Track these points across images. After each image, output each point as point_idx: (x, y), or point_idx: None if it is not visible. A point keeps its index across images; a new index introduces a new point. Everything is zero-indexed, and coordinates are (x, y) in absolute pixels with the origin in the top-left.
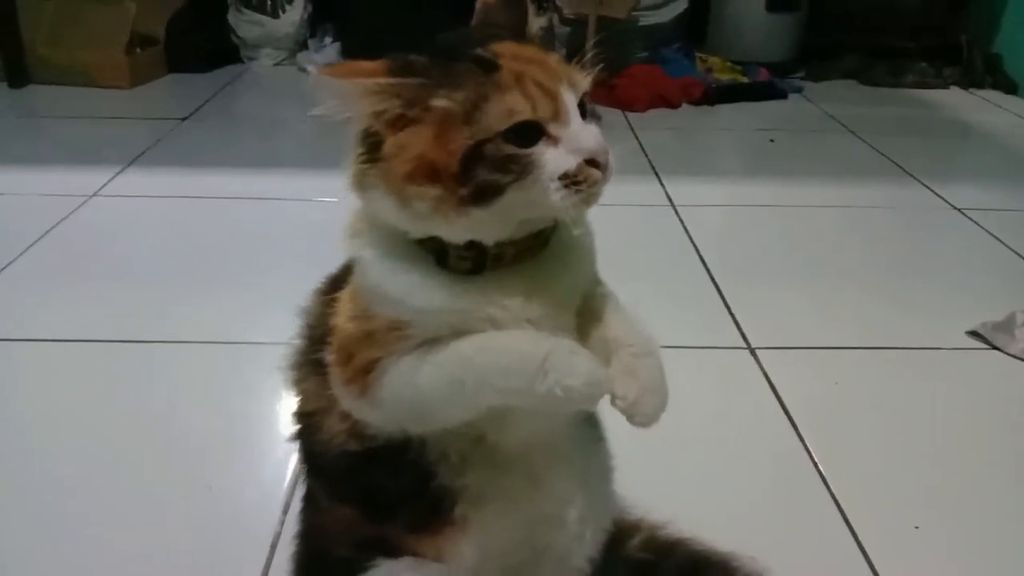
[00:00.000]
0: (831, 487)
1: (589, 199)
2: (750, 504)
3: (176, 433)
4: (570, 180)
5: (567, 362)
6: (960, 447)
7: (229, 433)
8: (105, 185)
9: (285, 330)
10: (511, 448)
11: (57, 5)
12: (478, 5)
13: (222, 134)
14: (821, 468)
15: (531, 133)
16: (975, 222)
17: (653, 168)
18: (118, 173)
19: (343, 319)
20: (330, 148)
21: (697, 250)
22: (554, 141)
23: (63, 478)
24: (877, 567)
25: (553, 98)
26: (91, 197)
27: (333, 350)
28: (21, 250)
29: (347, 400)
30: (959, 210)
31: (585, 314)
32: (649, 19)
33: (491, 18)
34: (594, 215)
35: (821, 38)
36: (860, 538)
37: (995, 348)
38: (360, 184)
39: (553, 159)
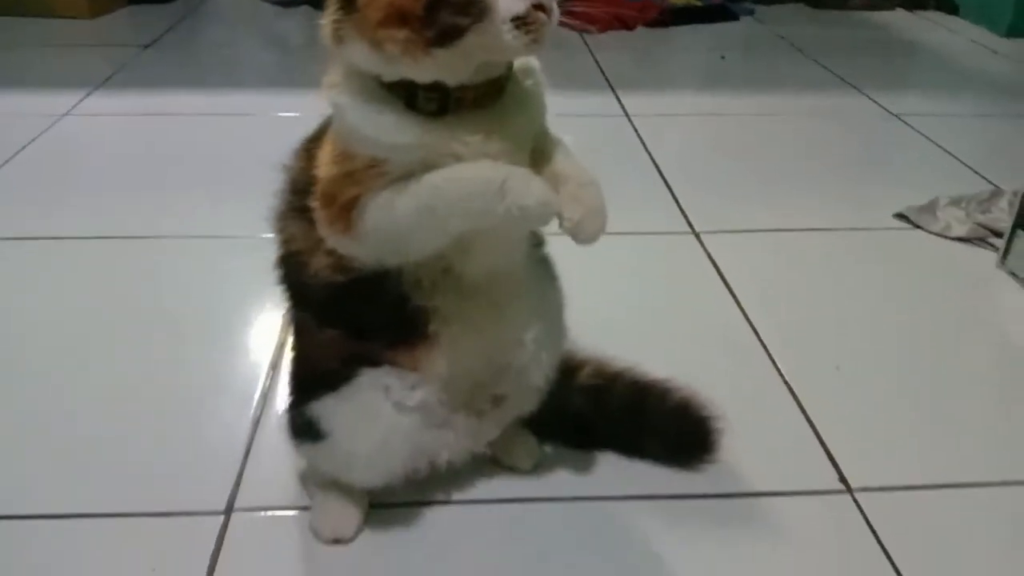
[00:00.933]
0: (763, 340)
1: (538, 40)
2: (691, 354)
3: (156, 315)
4: (521, 21)
5: (522, 185)
6: (881, 308)
7: (210, 311)
8: (75, 106)
9: (251, 224)
10: (475, 278)
11: None
12: None
13: (185, 60)
14: (754, 324)
15: None
16: (910, 126)
17: (609, 83)
18: (87, 95)
19: (324, 167)
20: (289, 70)
21: (648, 153)
22: None
23: (49, 366)
24: (800, 398)
25: None
26: (62, 117)
27: (317, 195)
28: None
29: (332, 238)
30: (896, 116)
31: (536, 155)
32: None
33: None
34: (551, 122)
35: None
36: (787, 378)
37: (918, 227)
38: (336, 37)
39: (505, 3)
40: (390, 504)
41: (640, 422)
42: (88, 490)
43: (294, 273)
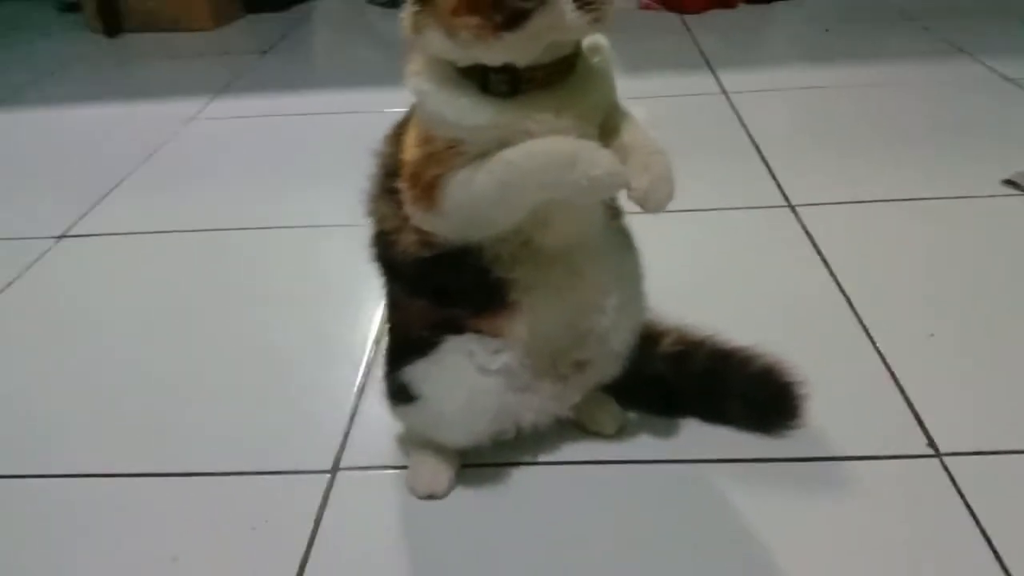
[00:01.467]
0: (855, 307)
1: (600, 18)
2: (781, 322)
3: (274, 296)
4: (583, 2)
5: (591, 156)
6: (980, 276)
7: (323, 291)
8: (202, 110)
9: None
10: (553, 248)
11: None
12: None
13: (299, 63)
14: (847, 293)
15: None
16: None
17: (707, 62)
18: (212, 100)
19: (409, 150)
20: (393, 68)
21: (745, 128)
22: None
23: (177, 339)
24: (891, 364)
25: None
26: (191, 120)
27: (404, 177)
28: (136, 165)
29: (418, 216)
30: (1011, 80)
31: (606, 129)
32: None
33: None
34: (649, 104)
35: None
36: (878, 345)
37: None
38: (416, 27)
39: None
40: (481, 464)
41: (723, 387)
42: (204, 450)
43: (386, 250)
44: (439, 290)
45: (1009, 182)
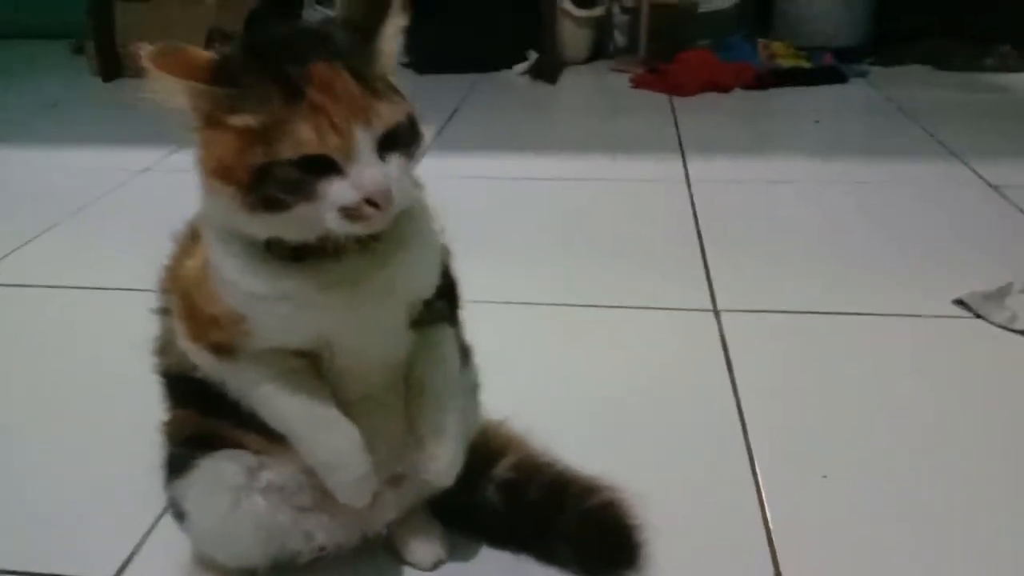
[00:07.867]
0: (749, 438)
1: (365, 228)
2: (662, 446)
3: None
4: (347, 212)
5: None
6: (903, 408)
7: None
8: (161, 160)
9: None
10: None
11: (149, 8)
12: None
13: None
14: (745, 418)
15: (320, 164)
16: (1007, 198)
17: (680, 147)
18: (171, 153)
19: (194, 285)
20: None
21: (696, 221)
22: (343, 174)
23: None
24: (768, 510)
25: (345, 137)
26: (143, 172)
27: (179, 304)
28: (65, 215)
29: (192, 352)
30: (993, 187)
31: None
32: (710, 5)
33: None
34: (604, 189)
35: (895, 22)
36: (761, 486)
37: (979, 317)
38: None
39: (335, 191)
40: None
41: (554, 525)
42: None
43: (159, 356)
44: (206, 397)
45: (960, 302)
